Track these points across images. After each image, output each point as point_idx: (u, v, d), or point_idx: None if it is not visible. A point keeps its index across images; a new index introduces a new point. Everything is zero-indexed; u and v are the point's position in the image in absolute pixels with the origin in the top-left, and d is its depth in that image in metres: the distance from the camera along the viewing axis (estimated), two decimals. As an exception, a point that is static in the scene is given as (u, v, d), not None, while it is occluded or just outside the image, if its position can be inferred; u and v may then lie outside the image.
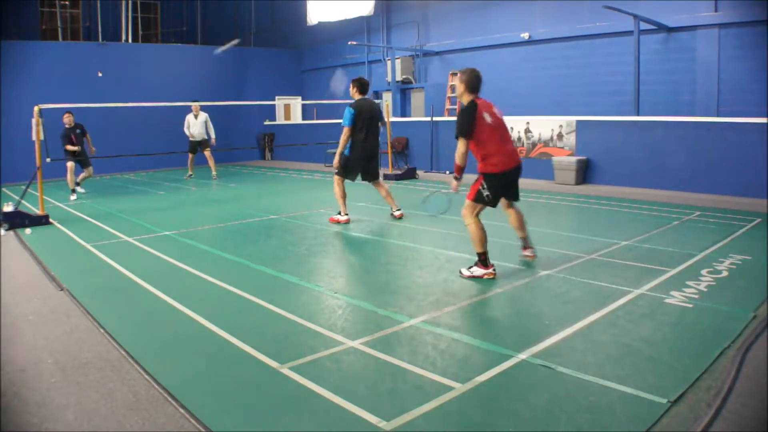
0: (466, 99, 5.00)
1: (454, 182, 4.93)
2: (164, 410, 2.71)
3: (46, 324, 3.95)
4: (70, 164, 10.57)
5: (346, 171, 7.41)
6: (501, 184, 4.85)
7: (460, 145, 4.76)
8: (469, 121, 4.74)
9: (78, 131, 10.73)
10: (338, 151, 7.29)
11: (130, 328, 3.81)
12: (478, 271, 4.81)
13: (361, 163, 7.37)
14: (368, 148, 7.34)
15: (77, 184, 11.10)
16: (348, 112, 7.15)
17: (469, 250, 5.70)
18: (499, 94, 13.79)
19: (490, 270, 4.79)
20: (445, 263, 5.31)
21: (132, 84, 15.91)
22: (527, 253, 5.34)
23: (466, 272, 4.87)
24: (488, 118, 4.80)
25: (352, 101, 7.38)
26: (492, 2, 13.95)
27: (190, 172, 13.61)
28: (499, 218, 6.91)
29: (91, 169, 11.18)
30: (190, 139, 13.07)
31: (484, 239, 4.80)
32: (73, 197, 10.57)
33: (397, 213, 7.63)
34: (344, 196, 7.49)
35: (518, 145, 11.99)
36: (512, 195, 5.11)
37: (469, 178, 4.90)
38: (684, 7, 10.54)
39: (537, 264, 5.16)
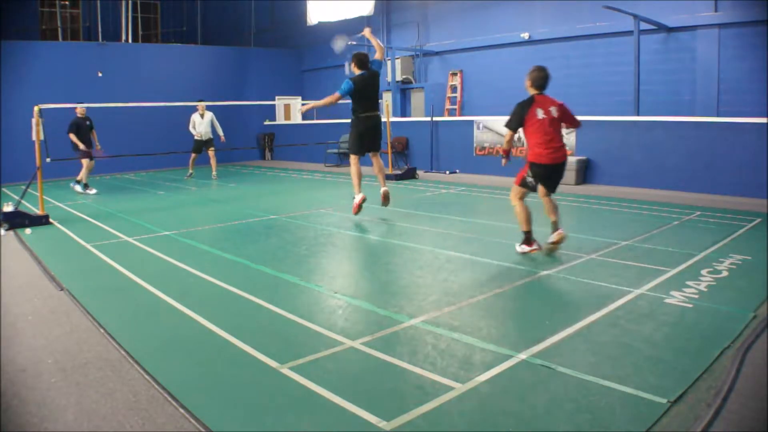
0: (531, 92, 5.60)
1: (504, 160, 5.76)
2: (164, 410, 2.71)
3: (46, 324, 3.95)
4: (85, 162, 11.12)
5: (356, 147, 7.55)
6: (544, 174, 5.45)
7: (506, 134, 5.64)
8: (517, 115, 5.45)
9: (87, 123, 11.18)
10: (315, 104, 7.66)
11: (130, 328, 3.81)
12: (525, 248, 5.47)
13: (363, 137, 7.48)
14: (371, 121, 7.48)
15: (77, 182, 11.47)
16: (346, 84, 7.22)
17: (469, 250, 5.73)
18: (499, 94, 13.82)
19: (534, 247, 5.43)
20: (445, 263, 5.31)
21: (132, 84, 15.91)
22: (556, 235, 5.51)
23: (518, 248, 5.52)
24: (540, 115, 5.39)
25: (353, 75, 7.47)
26: (492, 2, 13.95)
27: (190, 171, 13.61)
28: (498, 218, 6.92)
29: (92, 162, 11.49)
30: (196, 138, 13.11)
31: (528, 219, 5.42)
32: (92, 191, 11.28)
33: (383, 189, 7.65)
34: (360, 175, 7.59)
35: (518, 145, 11.98)
36: (551, 186, 5.60)
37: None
38: (684, 7, 10.54)
39: (537, 264, 5.16)
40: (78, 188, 11.47)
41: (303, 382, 2.95)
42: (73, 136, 10.90)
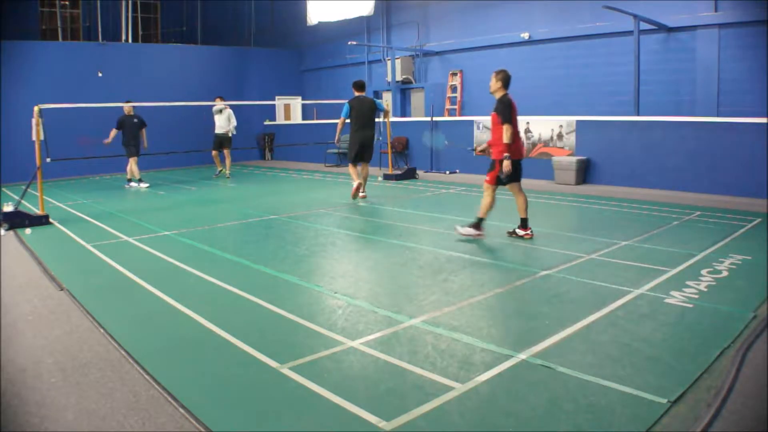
0: (500, 94, 6.10)
1: (507, 161, 5.91)
2: (164, 410, 2.71)
3: (46, 324, 3.95)
4: (132, 159, 11.88)
5: (350, 157, 9.33)
6: (518, 168, 6.09)
7: (507, 129, 5.91)
8: (511, 110, 5.94)
9: (135, 121, 11.82)
10: (336, 135, 9.61)
11: (130, 328, 3.81)
12: (472, 231, 6.13)
13: (355, 148, 9.15)
14: (361, 137, 9.14)
15: (130, 180, 12.12)
16: (345, 107, 9.17)
17: (469, 251, 5.73)
18: (499, 94, 13.82)
19: (480, 233, 6.14)
20: (445, 263, 5.31)
21: (132, 84, 15.90)
22: (526, 232, 6.20)
23: (463, 230, 6.16)
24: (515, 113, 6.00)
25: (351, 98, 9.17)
26: (492, 2, 13.95)
27: (219, 169, 13.75)
28: (498, 219, 6.93)
29: (135, 158, 12.05)
30: (216, 132, 13.30)
31: (489, 210, 6.13)
32: (145, 185, 11.99)
33: (362, 194, 9.27)
34: (357, 172, 9.36)
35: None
36: (519, 178, 6.22)
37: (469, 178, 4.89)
38: (684, 7, 10.54)
39: (537, 264, 5.16)
40: (133, 184, 12.08)
41: (303, 382, 2.95)
42: (113, 132, 11.72)
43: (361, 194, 9.24)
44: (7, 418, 2.67)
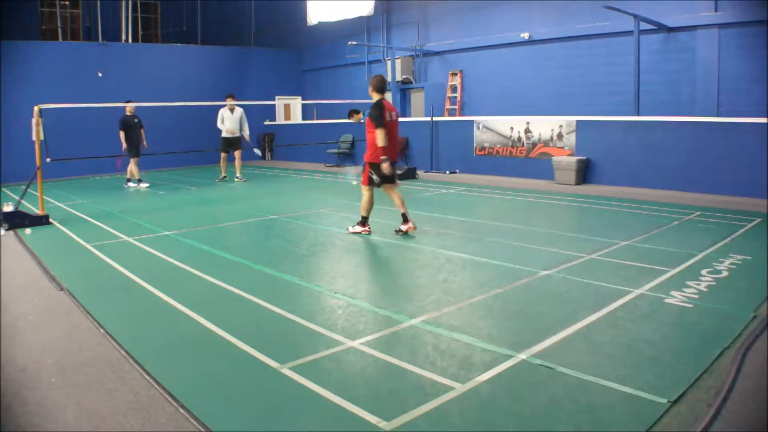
0: (375, 98, 6.36)
1: (386, 164, 6.19)
2: (164, 410, 2.71)
3: (46, 324, 3.95)
4: (133, 160, 11.98)
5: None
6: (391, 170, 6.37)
7: (379, 133, 6.13)
8: (381, 114, 6.15)
9: (136, 121, 11.92)
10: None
11: (130, 328, 3.81)
12: (359, 228, 6.57)
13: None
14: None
15: (129, 180, 12.22)
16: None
17: (469, 250, 5.74)
18: (499, 94, 13.83)
19: (366, 229, 6.56)
20: (445, 263, 5.31)
21: (132, 84, 15.90)
22: (409, 225, 6.48)
23: (351, 229, 6.62)
24: (388, 117, 6.24)
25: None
26: (492, 2, 13.95)
27: (223, 174, 12.93)
28: (498, 219, 6.91)
29: (137, 159, 12.15)
30: (224, 135, 12.54)
31: (370, 208, 6.52)
32: (145, 185, 12.01)
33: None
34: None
35: (518, 145, 12.00)
36: (392, 180, 6.51)
37: (468, 177, 4.90)
38: (684, 7, 10.54)
39: (537, 264, 5.16)
40: (132, 185, 12.16)
41: (303, 382, 2.95)
42: (122, 135, 11.74)
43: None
44: (7, 418, 2.67)
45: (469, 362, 3.16)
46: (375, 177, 6.38)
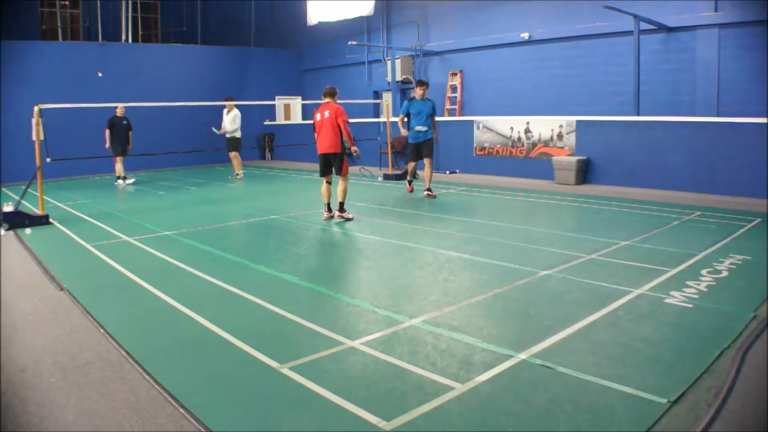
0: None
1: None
2: (164, 410, 2.71)
3: (46, 324, 3.95)
4: (118, 158, 12.43)
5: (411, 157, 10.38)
6: (323, 162, 7.52)
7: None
8: (313, 115, 7.57)
9: (124, 122, 12.40)
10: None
11: (130, 328, 3.81)
12: (325, 214, 7.54)
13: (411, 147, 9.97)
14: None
15: (119, 178, 12.64)
16: (405, 104, 9.72)
17: (469, 250, 5.74)
18: (499, 94, 13.83)
19: (331, 214, 7.53)
20: (445, 263, 5.31)
21: (132, 84, 15.90)
22: (333, 214, 7.52)
23: (326, 215, 7.49)
24: (318, 117, 7.43)
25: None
26: (492, 2, 13.94)
27: (236, 172, 13.46)
28: (498, 219, 6.92)
29: (121, 158, 12.60)
30: (226, 135, 13.21)
31: (328, 196, 7.55)
32: (130, 181, 12.69)
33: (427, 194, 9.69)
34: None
35: (518, 145, 11.99)
36: (335, 171, 7.48)
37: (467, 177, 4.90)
38: (684, 7, 10.54)
39: (537, 264, 5.16)
40: (120, 182, 12.62)
41: (303, 382, 2.95)
42: (107, 133, 12.21)
43: (426, 193, 9.62)
44: (7, 418, 2.67)
45: (469, 362, 3.16)
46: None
